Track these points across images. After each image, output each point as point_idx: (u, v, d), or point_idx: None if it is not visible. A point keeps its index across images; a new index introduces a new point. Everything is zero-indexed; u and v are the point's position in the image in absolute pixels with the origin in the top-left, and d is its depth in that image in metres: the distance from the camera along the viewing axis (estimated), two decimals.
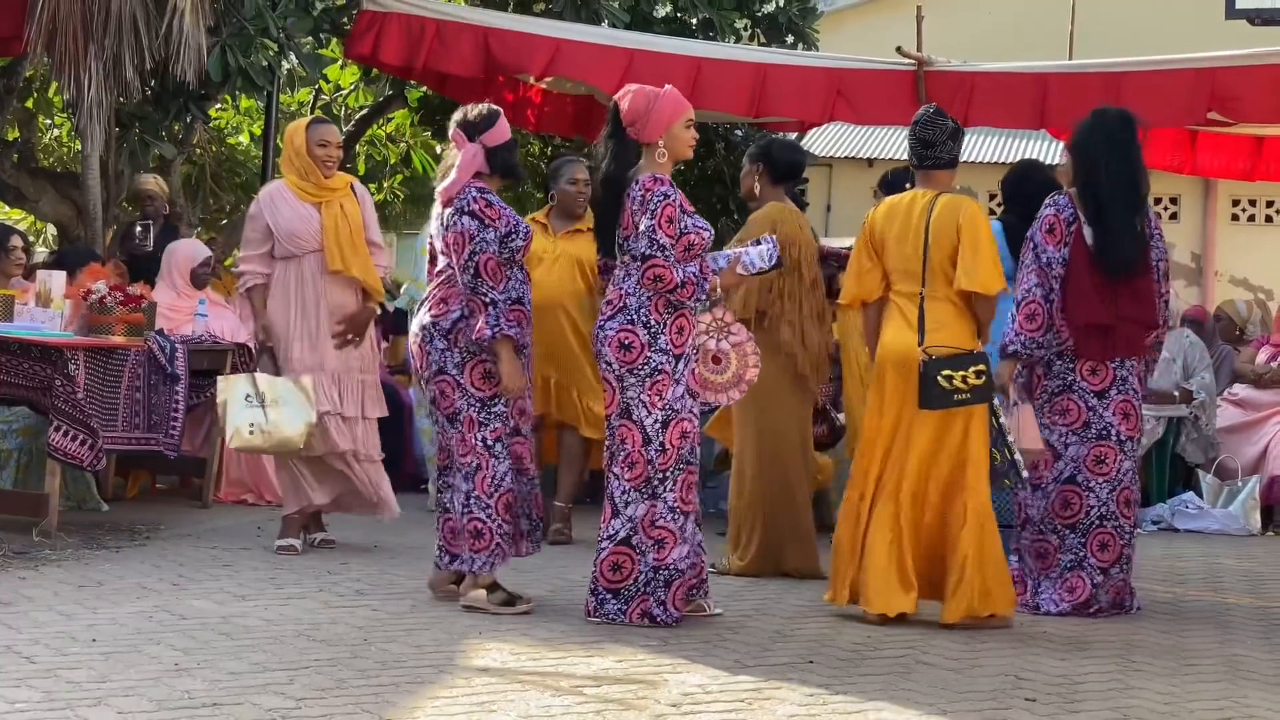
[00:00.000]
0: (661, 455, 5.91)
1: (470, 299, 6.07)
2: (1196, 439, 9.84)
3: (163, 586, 6.32)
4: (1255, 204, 20.71)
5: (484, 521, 6.08)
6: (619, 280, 6.05)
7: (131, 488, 9.16)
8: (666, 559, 5.92)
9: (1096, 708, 4.91)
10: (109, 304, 7.70)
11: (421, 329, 6.21)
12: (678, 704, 4.73)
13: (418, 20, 10.04)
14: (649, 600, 5.91)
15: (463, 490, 6.13)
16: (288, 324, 7.41)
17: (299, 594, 6.26)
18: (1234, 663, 5.65)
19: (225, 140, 14.98)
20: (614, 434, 5.98)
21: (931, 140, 6.34)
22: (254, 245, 7.54)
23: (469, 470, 6.11)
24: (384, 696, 4.67)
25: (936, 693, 5.00)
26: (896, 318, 6.29)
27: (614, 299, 6.01)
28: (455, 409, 6.14)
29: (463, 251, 6.05)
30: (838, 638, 5.82)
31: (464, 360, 6.12)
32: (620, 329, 5.94)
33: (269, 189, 7.65)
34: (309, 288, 7.42)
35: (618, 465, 5.96)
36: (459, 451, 6.15)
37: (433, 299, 6.22)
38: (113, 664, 4.93)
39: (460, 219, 6.08)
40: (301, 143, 7.48)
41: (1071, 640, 5.93)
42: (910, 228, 6.26)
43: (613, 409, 5.98)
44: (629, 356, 5.92)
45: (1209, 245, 20.58)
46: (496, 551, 6.09)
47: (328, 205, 7.45)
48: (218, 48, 9.28)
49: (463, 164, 6.18)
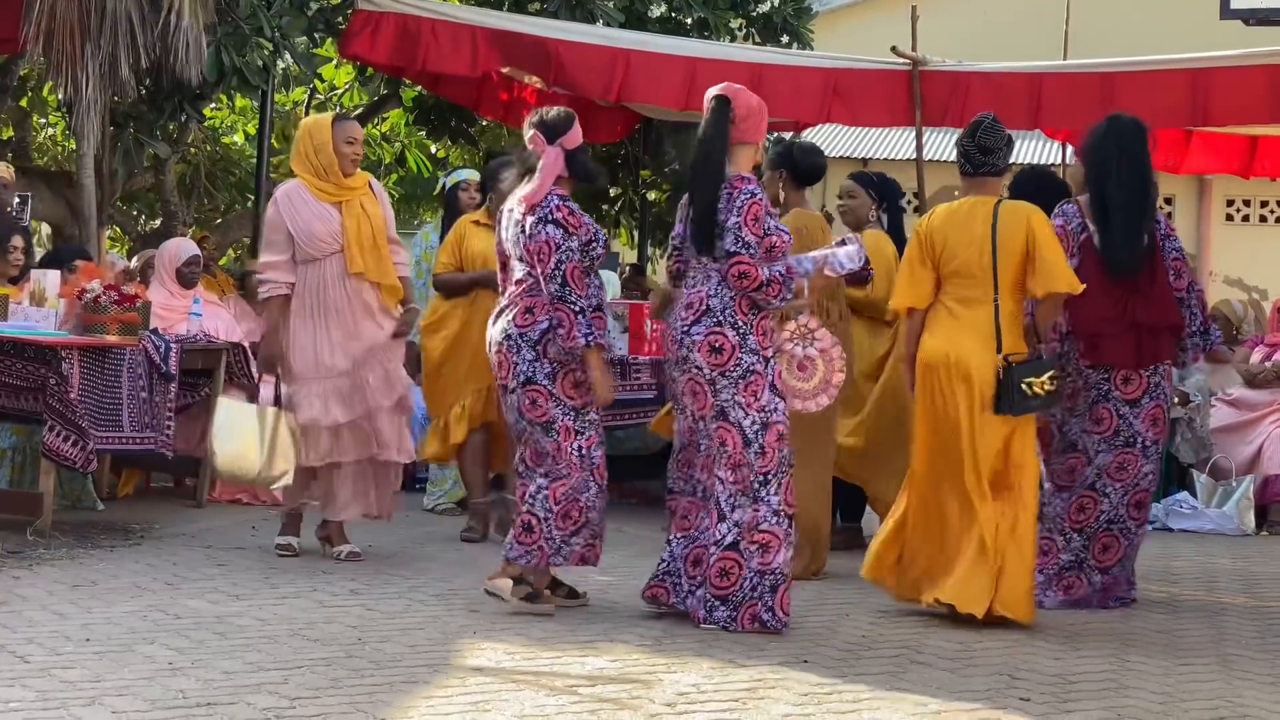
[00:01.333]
0: (761, 458, 5.91)
1: (558, 307, 6.00)
2: (1190, 439, 9.84)
3: (157, 586, 6.32)
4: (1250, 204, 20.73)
5: (539, 520, 6.04)
6: (697, 282, 6.02)
7: (124, 486, 9.15)
8: (771, 563, 5.90)
9: (1091, 707, 4.91)
10: (104, 303, 7.68)
11: (506, 338, 6.11)
12: (672, 703, 4.73)
13: (413, 20, 10.04)
14: (757, 605, 5.88)
15: (538, 484, 6.08)
16: (294, 331, 7.10)
17: (293, 593, 6.25)
18: (1228, 662, 5.65)
19: (220, 140, 14.97)
20: (712, 437, 5.96)
21: (991, 147, 6.40)
22: (277, 250, 7.16)
23: (557, 474, 6.06)
24: (378, 696, 4.67)
25: (931, 691, 5.00)
26: (947, 323, 6.32)
27: (695, 302, 5.99)
28: (550, 417, 6.06)
29: (549, 260, 6.00)
30: (833, 636, 5.82)
31: (554, 370, 6.06)
32: (709, 332, 5.93)
33: (285, 190, 7.23)
34: (329, 292, 7.11)
35: (722, 469, 5.93)
36: (554, 458, 6.08)
37: (516, 308, 6.12)
38: (107, 663, 4.92)
39: (545, 228, 6.03)
40: (326, 139, 7.14)
41: (1066, 639, 5.94)
42: (975, 235, 6.29)
43: (707, 412, 5.95)
44: (720, 359, 5.91)
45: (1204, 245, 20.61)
46: (537, 552, 6.05)
47: (348, 205, 7.15)
48: (213, 47, 9.27)
49: (546, 168, 6.12)
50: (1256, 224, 20.54)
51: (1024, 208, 6.34)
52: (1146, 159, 6.78)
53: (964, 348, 6.22)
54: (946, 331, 6.29)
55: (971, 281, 6.27)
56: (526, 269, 6.11)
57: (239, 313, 10.11)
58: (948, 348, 6.25)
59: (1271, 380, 9.99)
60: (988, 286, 6.25)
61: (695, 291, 6.01)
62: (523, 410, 6.10)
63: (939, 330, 6.32)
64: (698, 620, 5.91)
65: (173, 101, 9.77)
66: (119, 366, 7.77)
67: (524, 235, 6.09)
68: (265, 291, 7.21)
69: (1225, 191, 20.19)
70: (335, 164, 7.14)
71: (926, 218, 6.50)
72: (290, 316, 7.13)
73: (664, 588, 6.06)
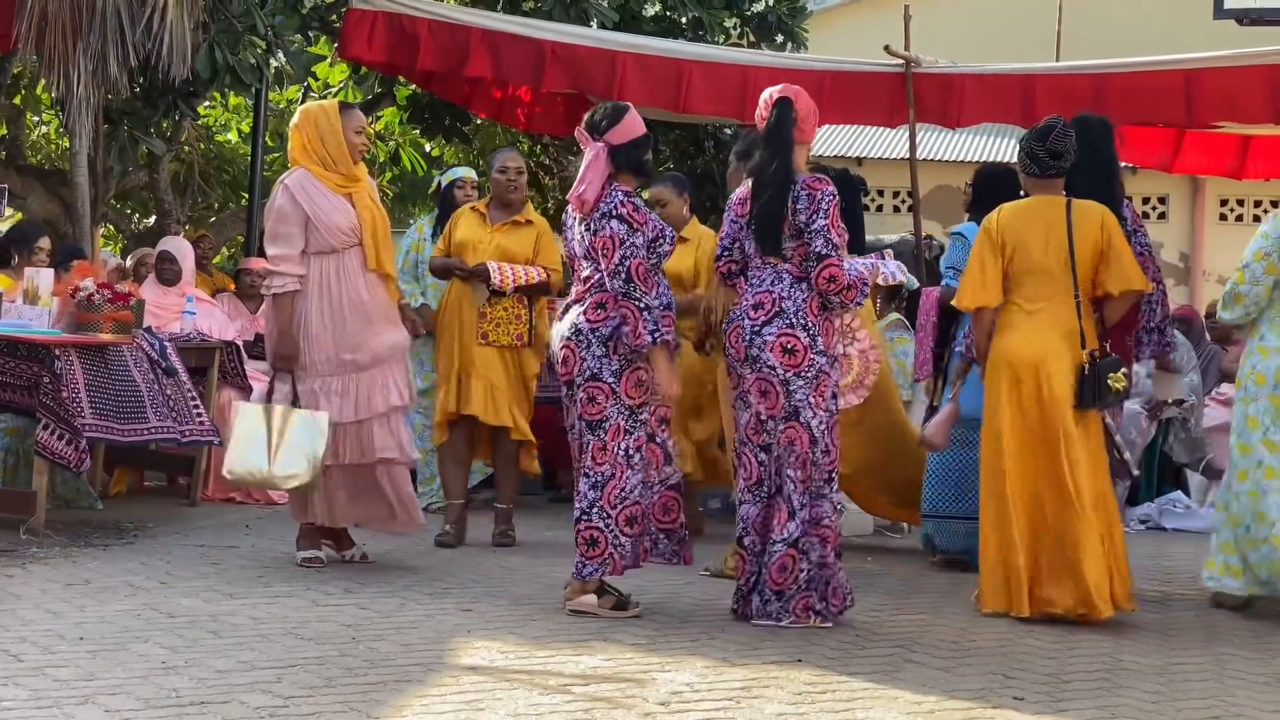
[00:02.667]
0: (826, 456, 5.98)
1: (622, 304, 5.97)
2: (1184, 439, 9.85)
3: (150, 584, 6.31)
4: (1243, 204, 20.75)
5: (601, 530, 6.01)
6: (765, 282, 6.02)
7: (116, 484, 9.14)
8: (828, 555, 5.98)
9: (1084, 705, 4.91)
10: (97, 302, 7.67)
11: (576, 333, 6.07)
12: (666, 702, 4.73)
13: (408, 19, 10.04)
14: (811, 596, 5.96)
15: (588, 498, 6.03)
16: (309, 326, 6.79)
17: (287, 592, 6.25)
18: (1221, 662, 5.66)
19: (213, 138, 14.96)
20: (778, 438, 5.98)
21: (1061, 151, 6.50)
22: (291, 242, 6.78)
23: (600, 479, 6.03)
24: (372, 695, 4.67)
25: (925, 689, 5.00)
26: (1025, 321, 6.40)
27: (765, 302, 5.99)
28: (603, 415, 6.02)
29: (612, 256, 5.97)
30: (826, 635, 5.82)
31: (621, 368, 6.03)
32: (781, 333, 5.95)
33: (296, 179, 6.83)
34: (347, 286, 6.83)
35: (792, 468, 5.96)
36: (595, 459, 6.03)
37: (587, 304, 6.09)
38: (100, 662, 4.92)
39: (609, 223, 6.01)
40: (336, 127, 6.82)
41: (1059, 639, 5.94)
42: (1049, 234, 6.40)
43: (776, 412, 5.97)
44: (794, 360, 5.94)
45: (1197, 245, 20.62)
46: (608, 561, 6.02)
47: (358, 196, 6.89)
48: (206, 45, 9.26)
49: (586, 164, 6.10)
50: (1250, 224, 20.53)
51: (1096, 208, 6.48)
52: (1113, 155, 6.94)
53: (1046, 346, 6.33)
54: (1026, 330, 6.39)
55: (1047, 279, 6.39)
56: (594, 266, 6.08)
57: (232, 311, 10.12)
58: (1029, 346, 6.36)
59: None
60: (1065, 284, 6.38)
61: (765, 291, 6.01)
62: (580, 405, 6.06)
63: (1018, 329, 6.41)
64: (749, 616, 5.98)
65: (166, 99, 9.76)
66: (125, 363, 7.73)
67: (588, 232, 6.08)
68: (278, 286, 6.81)
69: (1219, 191, 20.20)
70: (346, 153, 6.85)
71: (995, 216, 6.57)
72: (305, 310, 6.80)
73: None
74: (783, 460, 5.98)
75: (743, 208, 6.13)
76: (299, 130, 6.91)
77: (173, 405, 7.91)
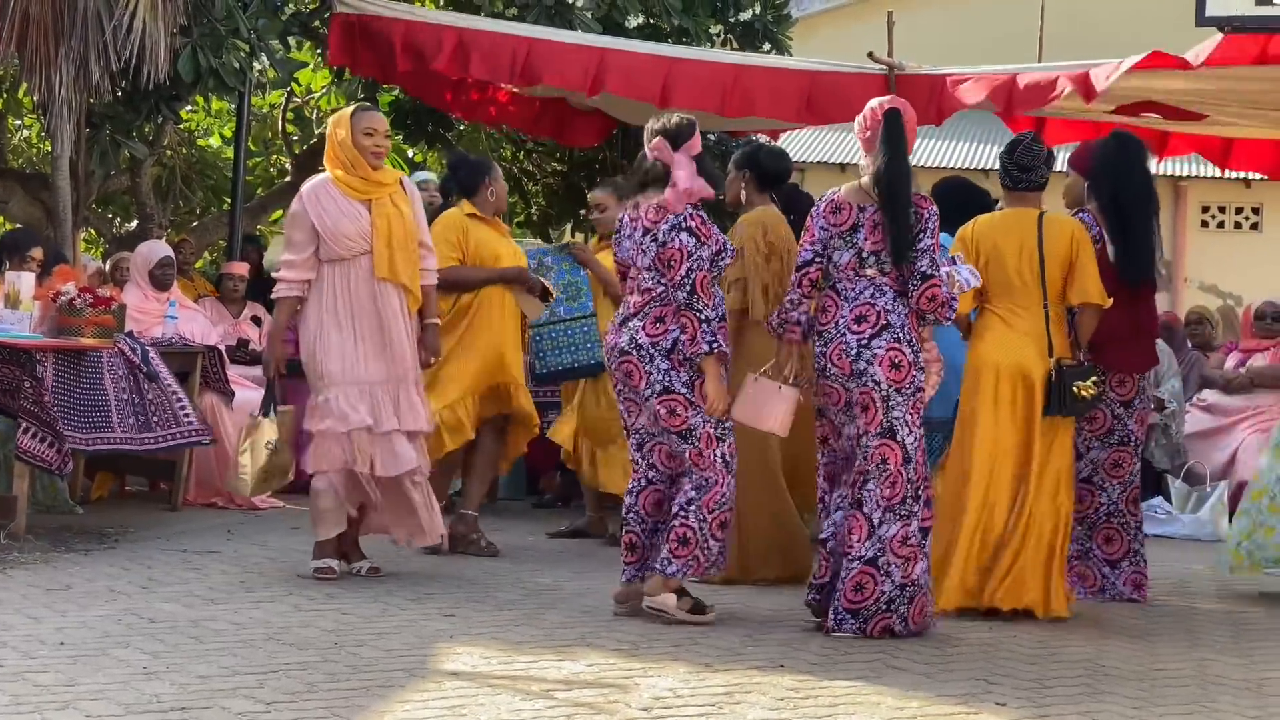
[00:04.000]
0: (916, 474, 6.00)
1: (683, 314, 6.02)
2: (1165, 445, 9.88)
3: (131, 589, 6.30)
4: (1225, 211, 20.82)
5: (695, 531, 6.03)
6: (864, 295, 6.04)
7: (97, 490, 9.11)
8: (912, 575, 5.96)
9: (1066, 711, 4.92)
10: (78, 306, 7.65)
11: (637, 348, 6.08)
12: (649, 708, 4.73)
13: (390, 23, 10.03)
14: (891, 618, 5.94)
15: (688, 495, 6.06)
16: (325, 334, 6.70)
17: (269, 597, 6.24)
18: (1203, 668, 5.67)
19: (196, 142, 14.92)
20: (869, 453, 5.98)
21: (1029, 165, 6.73)
22: (299, 248, 6.76)
23: (704, 482, 6.05)
24: (354, 700, 4.66)
25: (908, 695, 5.00)
26: (1000, 329, 6.60)
27: (869, 315, 6.01)
28: (690, 425, 6.05)
29: (679, 267, 6.02)
30: (809, 640, 5.82)
31: (691, 378, 6.06)
32: (890, 346, 5.97)
33: (314, 185, 6.84)
34: (356, 294, 6.73)
35: (877, 484, 5.97)
36: (697, 465, 6.06)
37: (646, 318, 6.10)
38: (81, 667, 4.90)
39: (679, 235, 6.04)
40: (346, 133, 6.78)
41: (1041, 645, 5.95)
42: (1021, 245, 6.60)
43: (873, 427, 5.98)
44: (899, 375, 5.97)
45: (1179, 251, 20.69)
46: (693, 563, 6.05)
47: (378, 203, 6.77)
48: (189, 48, 9.24)
49: (684, 176, 6.10)
50: (1231, 230, 20.64)
51: (1068, 221, 6.75)
52: (1149, 171, 7.22)
53: (1022, 353, 6.52)
54: (1002, 338, 6.58)
55: (1020, 289, 6.59)
56: (656, 276, 6.10)
57: (215, 315, 10.10)
58: (1006, 354, 6.54)
59: (1245, 386, 10.03)
60: (1036, 294, 6.57)
61: (865, 304, 6.03)
62: (660, 419, 6.08)
63: (994, 337, 6.61)
64: (828, 629, 5.95)
65: (149, 102, 9.73)
66: (99, 370, 7.71)
67: (655, 242, 6.09)
68: (279, 291, 6.83)
69: (1200, 198, 20.29)
70: (359, 158, 6.78)
71: (971, 227, 6.75)
72: (320, 319, 6.73)
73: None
74: (870, 476, 5.98)
75: (837, 216, 6.11)
76: (328, 137, 6.93)
77: (155, 410, 7.88)
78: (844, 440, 6.12)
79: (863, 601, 5.92)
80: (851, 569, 5.93)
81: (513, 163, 13.58)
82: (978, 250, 6.62)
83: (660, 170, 6.18)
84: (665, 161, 6.17)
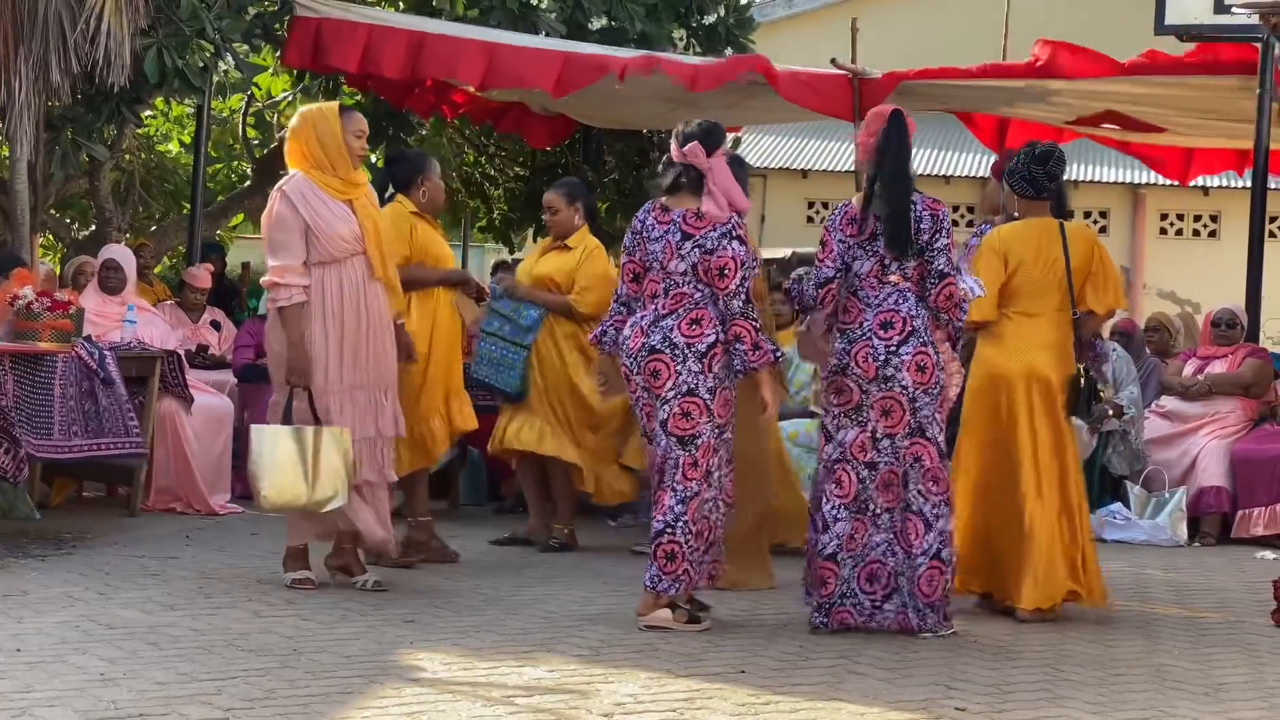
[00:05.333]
0: (947, 471, 6.20)
1: (738, 323, 6.04)
2: (1123, 451, 9.92)
3: (89, 595, 6.25)
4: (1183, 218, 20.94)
5: (680, 545, 6.01)
6: (888, 300, 6.15)
7: (56, 496, 9.05)
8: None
9: (1025, 716, 4.94)
10: (36, 310, 7.60)
11: (670, 347, 6.04)
12: (609, 714, 4.72)
13: (350, 25, 10.02)
14: (855, 612, 6.16)
15: (673, 511, 6.02)
16: (324, 342, 6.50)
17: (228, 603, 6.20)
18: (1161, 672, 5.70)
19: (154, 147, 14.85)
20: (901, 454, 6.13)
21: (1057, 175, 6.88)
22: (292, 252, 6.45)
23: (687, 494, 6.02)
24: (313, 707, 4.64)
25: (868, 701, 5.01)
26: (1016, 336, 6.73)
27: (894, 321, 6.11)
28: (696, 432, 6.02)
29: (733, 276, 6.03)
30: (770, 647, 5.83)
31: (715, 386, 6.05)
32: (917, 351, 6.11)
33: (295, 186, 6.53)
34: (350, 297, 6.53)
35: (923, 482, 6.13)
36: (685, 474, 6.02)
37: (680, 318, 6.07)
38: (37, 674, 4.86)
39: (731, 244, 6.06)
40: (335, 129, 6.54)
41: (1001, 649, 5.97)
42: (1047, 253, 6.73)
43: (900, 429, 6.12)
44: (924, 378, 6.11)
45: (1137, 258, 20.80)
46: (683, 578, 6.03)
47: (359, 204, 6.60)
48: (153, 49, 9.19)
49: (722, 182, 6.13)
50: (1190, 238, 20.76)
51: (1087, 230, 7.03)
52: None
53: (1040, 359, 6.65)
54: (1017, 344, 6.72)
55: (1043, 296, 6.71)
56: (693, 281, 6.09)
57: (174, 320, 10.04)
58: (1020, 360, 6.68)
59: (1204, 393, 10.09)
60: (1060, 300, 6.74)
61: (890, 310, 6.14)
62: (670, 421, 6.04)
63: (1010, 343, 6.73)
64: (914, 629, 6.11)
65: (110, 104, 9.68)
66: (50, 376, 7.66)
67: (700, 249, 6.06)
68: (284, 299, 6.45)
69: (1159, 205, 20.40)
70: (345, 157, 6.58)
71: (996, 234, 6.90)
72: (307, 326, 6.47)
73: (849, 611, 6.16)
74: (909, 476, 6.13)
75: (853, 228, 6.21)
76: (297, 134, 6.64)
77: (105, 417, 7.83)
78: (850, 444, 6.16)
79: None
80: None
81: (474, 167, 13.56)
82: (1006, 257, 6.73)
83: (695, 175, 6.16)
84: (700, 167, 6.14)
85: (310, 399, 6.47)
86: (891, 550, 6.17)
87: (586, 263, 8.03)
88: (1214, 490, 9.69)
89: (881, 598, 6.17)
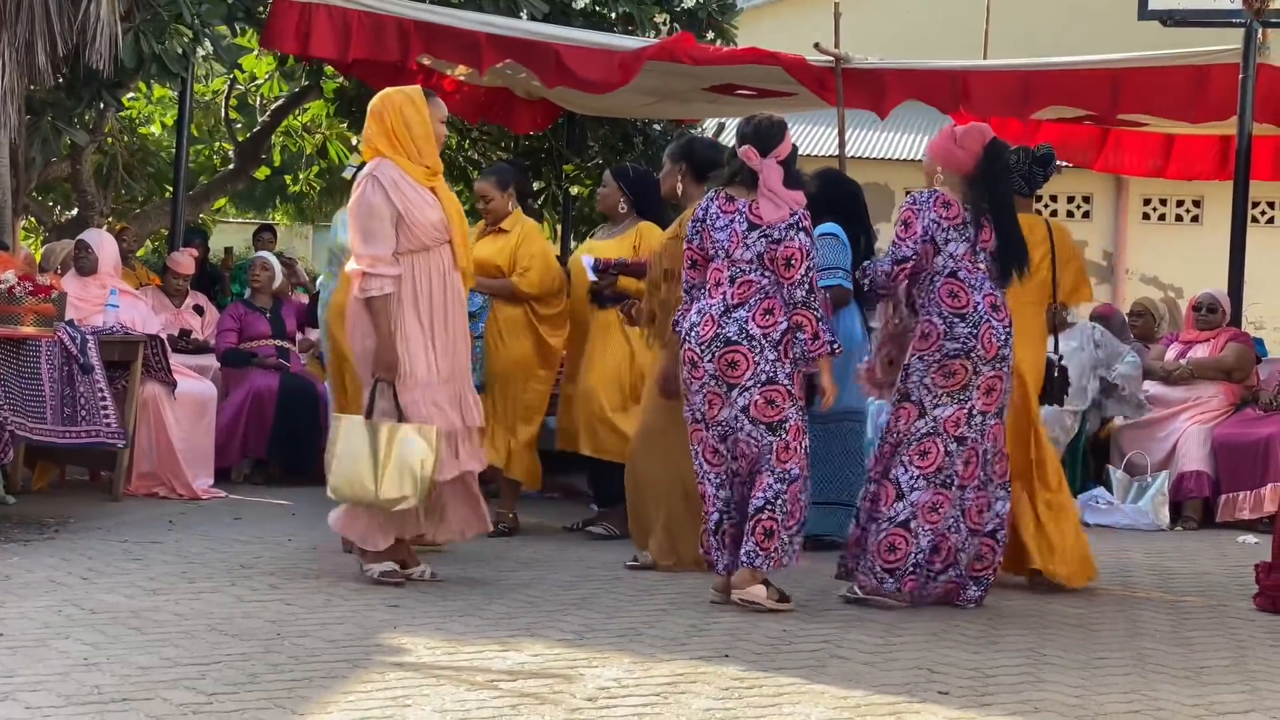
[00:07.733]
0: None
1: (801, 313, 6.18)
2: (1125, 396, 9.94)
3: (72, 580, 6.24)
4: (1166, 203, 20.96)
5: (779, 523, 6.14)
6: (985, 284, 6.42)
7: (38, 480, 9.03)
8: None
9: (1008, 700, 4.95)
10: (18, 294, 7.57)
11: (748, 338, 6.15)
12: (594, 698, 4.73)
13: (335, 10, 9.99)
14: (919, 579, 6.36)
15: (773, 489, 6.14)
16: (418, 332, 6.31)
17: (211, 588, 6.20)
18: (1143, 656, 5.72)
19: (137, 130, 14.80)
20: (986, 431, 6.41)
21: (1048, 177, 7.26)
22: (383, 241, 6.21)
23: (787, 475, 6.16)
24: (297, 691, 4.64)
25: (851, 685, 5.02)
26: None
27: (1001, 305, 6.45)
28: (783, 417, 6.17)
29: (799, 267, 6.16)
30: (753, 631, 5.84)
31: (792, 371, 6.20)
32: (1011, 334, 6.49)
33: (382, 170, 6.29)
34: (441, 287, 6.36)
35: (996, 462, 6.48)
36: (780, 457, 6.16)
37: (753, 308, 6.17)
38: (20, 658, 4.86)
39: (798, 235, 6.18)
40: (423, 115, 6.35)
41: (983, 634, 5.99)
42: (1038, 248, 6.93)
43: (992, 407, 6.42)
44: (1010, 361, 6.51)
45: (1120, 243, 20.84)
46: (775, 555, 6.15)
47: (441, 191, 6.43)
48: (131, 34, 9.15)
49: (772, 186, 6.21)
50: (1173, 223, 20.80)
51: (1066, 228, 7.31)
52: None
53: (1021, 347, 6.71)
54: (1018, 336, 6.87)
55: (1029, 289, 6.80)
56: (760, 269, 6.19)
57: (157, 304, 10.02)
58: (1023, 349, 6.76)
59: (1186, 378, 10.12)
60: (1044, 293, 6.99)
61: (991, 293, 6.42)
62: (753, 409, 6.15)
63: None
64: (957, 599, 6.45)
65: (91, 89, 9.64)
66: (36, 359, 7.64)
67: (768, 239, 6.17)
68: (375, 290, 6.23)
69: (1142, 190, 20.43)
70: (431, 145, 6.38)
71: None
72: (400, 316, 6.28)
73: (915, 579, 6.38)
74: (987, 455, 6.41)
75: (948, 210, 6.42)
76: (381, 117, 6.37)
77: (82, 404, 7.81)
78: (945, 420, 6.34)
79: (897, 561, 6.29)
80: (883, 530, 6.30)
81: (457, 152, 13.54)
82: None
83: (750, 174, 6.27)
84: (754, 168, 6.24)
85: (394, 394, 6.26)
86: (958, 526, 6.39)
87: (525, 243, 8.17)
88: (1195, 475, 9.73)
89: (939, 570, 6.40)
